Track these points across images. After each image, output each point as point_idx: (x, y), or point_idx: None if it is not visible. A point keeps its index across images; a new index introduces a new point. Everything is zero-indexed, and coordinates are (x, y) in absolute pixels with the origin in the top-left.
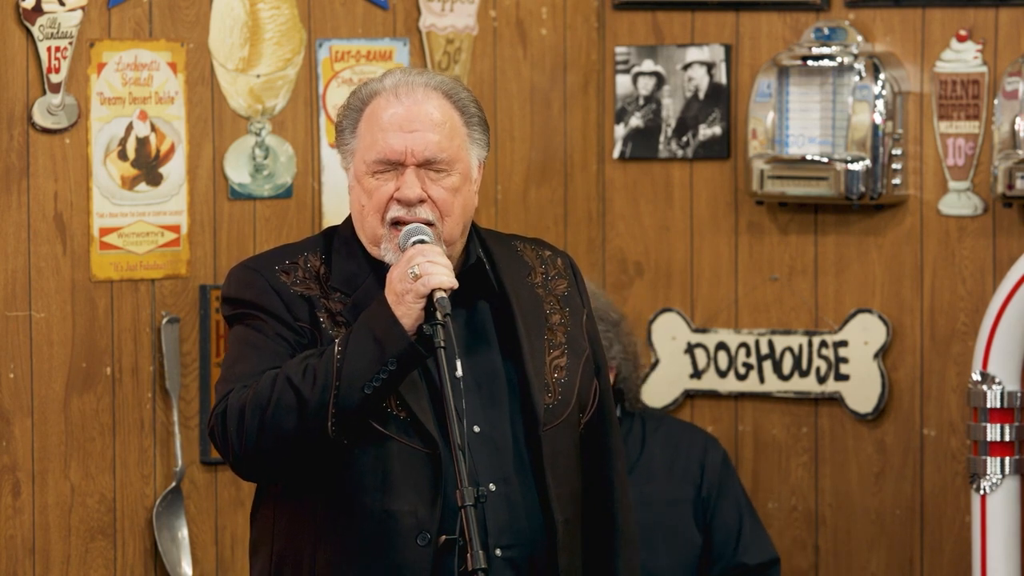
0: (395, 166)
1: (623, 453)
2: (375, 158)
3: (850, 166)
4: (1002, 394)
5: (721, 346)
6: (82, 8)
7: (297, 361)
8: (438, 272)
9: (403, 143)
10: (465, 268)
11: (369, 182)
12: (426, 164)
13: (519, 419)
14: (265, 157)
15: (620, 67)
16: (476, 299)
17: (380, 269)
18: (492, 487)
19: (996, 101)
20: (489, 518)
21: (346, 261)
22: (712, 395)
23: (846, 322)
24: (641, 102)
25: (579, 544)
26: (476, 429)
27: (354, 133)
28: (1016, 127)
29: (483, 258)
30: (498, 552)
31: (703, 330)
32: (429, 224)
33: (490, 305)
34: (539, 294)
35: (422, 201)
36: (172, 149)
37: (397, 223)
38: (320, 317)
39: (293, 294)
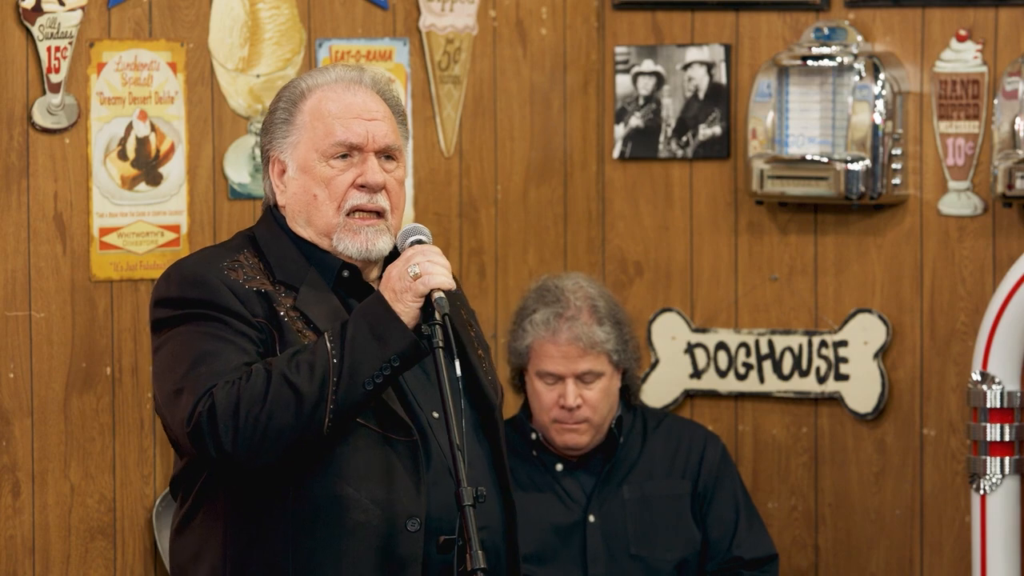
0: (353, 153)
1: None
2: (335, 142)
3: (850, 166)
4: (1002, 394)
5: (721, 346)
6: (82, 8)
7: (286, 358)
8: (438, 272)
9: (365, 129)
10: (390, 255)
11: (324, 170)
12: (385, 152)
13: (469, 404)
14: None
15: (620, 67)
16: None
17: (317, 260)
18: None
19: (996, 101)
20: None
21: (280, 256)
22: (712, 395)
23: (846, 322)
24: (641, 102)
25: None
26: (435, 415)
27: (291, 124)
28: (1016, 127)
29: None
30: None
31: (703, 330)
32: (382, 214)
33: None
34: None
35: (384, 188)
36: (172, 149)
37: (356, 211)
38: (280, 312)
39: (248, 291)
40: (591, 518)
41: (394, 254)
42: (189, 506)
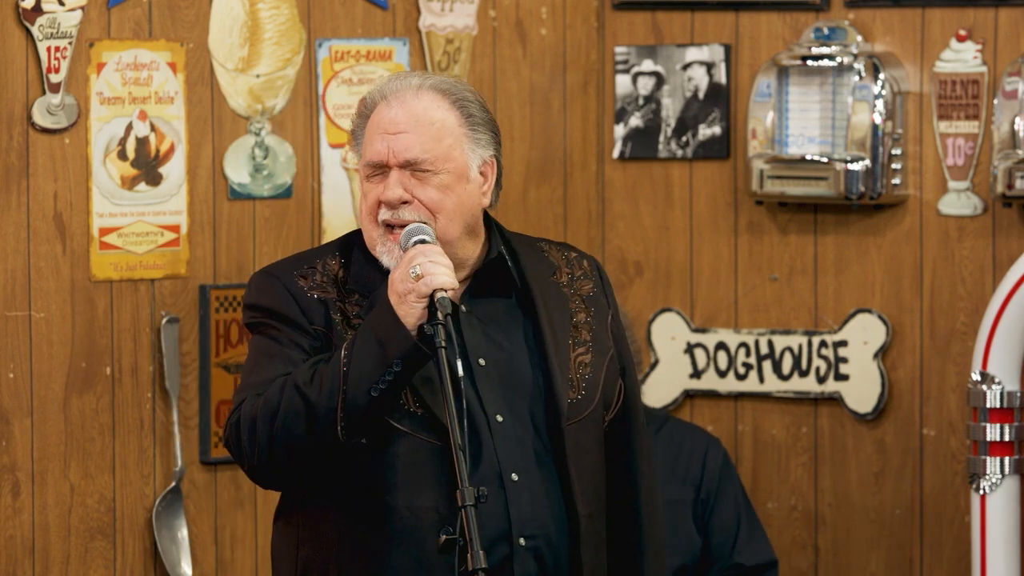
0: (383, 169)
1: (650, 453)
2: (365, 163)
3: (850, 166)
4: (1002, 394)
5: (721, 346)
6: (82, 8)
7: (306, 367)
8: (440, 272)
9: (385, 146)
10: (487, 261)
11: (364, 185)
12: (410, 165)
13: (542, 412)
14: (265, 157)
15: (620, 67)
16: (501, 292)
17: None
18: (515, 477)
19: (996, 101)
20: (512, 507)
21: (364, 264)
22: (712, 395)
23: (846, 322)
24: (641, 102)
25: (603, 540)
26: (499, 418)
27: (360, 138)
28: (1016, 127)
29: (504, 254)
30: (522, 541)
31: (703, 330)
32: None
33: (516, 300)
34: (565, 293)
35: (405, 203)
36: (172, 149)
37: (389, 225)
38: (334, 319)
39: (310, 298)
40: None
41: (496, 260)
42: (279, 506)
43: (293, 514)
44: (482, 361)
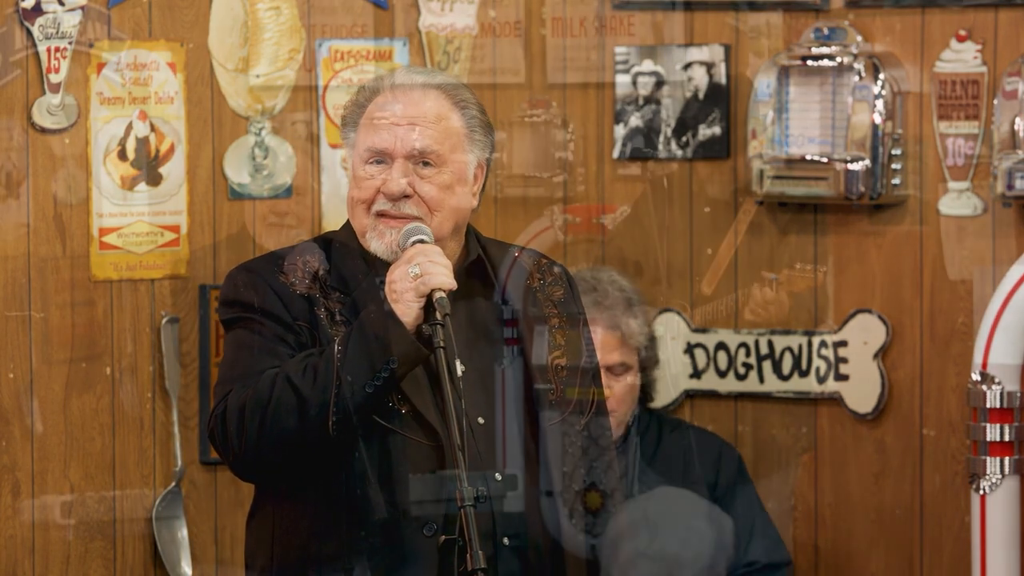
0: (386, 159)
1: (616, 462)
2: (366, 148)
3: (850, 166)
4: (1002, 394)
5: (721, 346)
6: (82, 8)
7: (297, 361)
8: (438, 272)
9: (393, 136)
10: (466, 264)
11: (360, 173)
12: (415, 158)
13: (523, 413)
14: (265, 157)
15: (620, 67)
16: (479, 296)
17: (377, 269)
18: (498, 477)
19: (996, 101)
20: (495, 508)
21: (344, 262)
22: (712, 395)
23: (846, 322)
24: (641, 102)
25: (582, 541)
26: (480, 420)
27: (355, 127)
28: (1016, 127)
29: (483, 257)
30: (505, 541)
31: (703, 330)
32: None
33: (492, 302)
34: (538, 298)
35: (407, 196)
36: (172, 149)
37: (382, 215)
38: (320, 316)
39: (292, 294)
40: None
41: (475, 263)
42: (253, 502)
43: (269, 510)
44: (459, 369)
